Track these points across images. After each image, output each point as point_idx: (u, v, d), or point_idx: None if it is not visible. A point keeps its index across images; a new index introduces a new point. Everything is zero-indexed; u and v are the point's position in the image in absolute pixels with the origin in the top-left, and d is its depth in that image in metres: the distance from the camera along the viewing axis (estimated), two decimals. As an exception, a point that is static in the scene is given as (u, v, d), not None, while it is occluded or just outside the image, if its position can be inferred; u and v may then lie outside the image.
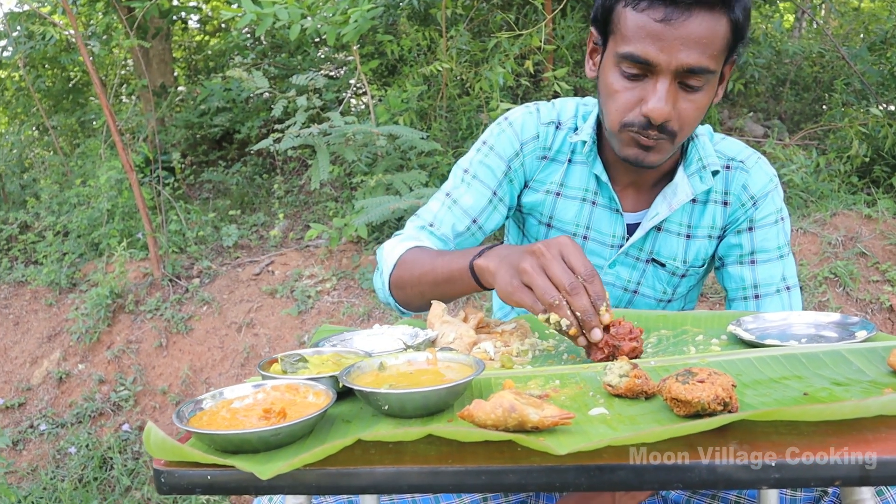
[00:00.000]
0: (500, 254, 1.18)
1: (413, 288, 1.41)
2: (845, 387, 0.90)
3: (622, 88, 1.26)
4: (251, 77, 3.52)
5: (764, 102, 5.82)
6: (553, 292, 1.04)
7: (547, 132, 1.49)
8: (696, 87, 1.24)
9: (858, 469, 0.71)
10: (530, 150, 1.49)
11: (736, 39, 1.25)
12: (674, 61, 1.19)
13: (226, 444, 0.84)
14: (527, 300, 1.08)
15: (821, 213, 3.67)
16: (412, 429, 0.76)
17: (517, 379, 1.01)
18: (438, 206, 1.53)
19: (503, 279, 1.12)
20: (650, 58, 1.20)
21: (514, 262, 1.11)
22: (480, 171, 1.50)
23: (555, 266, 1.04)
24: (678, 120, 1.26)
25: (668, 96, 1.22)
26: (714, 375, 0.83)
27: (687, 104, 1.25)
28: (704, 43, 1.19)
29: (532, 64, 3.73)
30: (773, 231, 1.45)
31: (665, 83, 1.22)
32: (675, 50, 1.18)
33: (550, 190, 1.50)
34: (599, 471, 0.73)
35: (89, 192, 4.78)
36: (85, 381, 3.86)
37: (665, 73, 1.21)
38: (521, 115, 1.50)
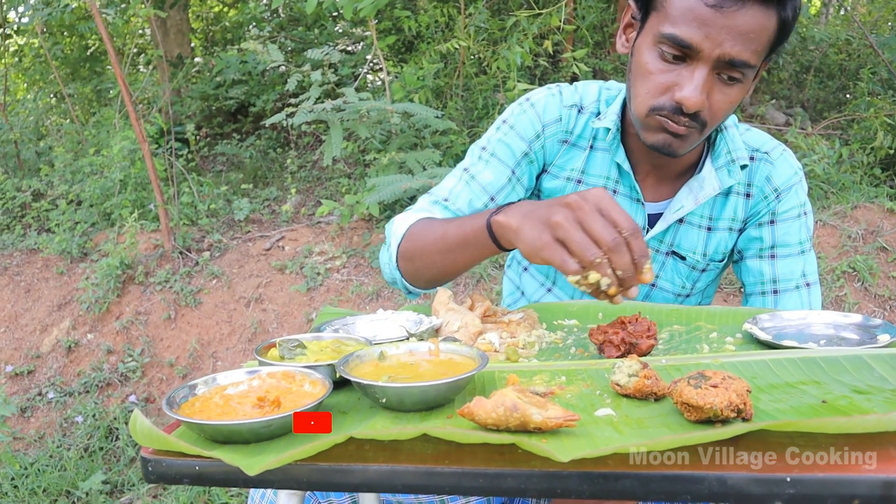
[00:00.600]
0: (524, 209, 1.06)
1: (422, 258, 1.31)
2: (866, 395, 0.86)
3: (657, 70, 1.20)
4: (266, 50, 3.47)
5: (787, 90, 5.70)
6: (594, 249, 0.93)
7: (569, 115, 1.43)
8: (733, 80, 1.18)
9: (881, 487, 0.67)
10: (552, 133, 1.43)
11: (780, 39, 1.19)
12: (717, 50, 1.13)
13: (215, 434, 0.82)
14: (557, 257, 0.96)
15: (841, 206, 3.59)
16: (407, 428, 0.72)
17: (522, 374, 0.98)
18: (455, 181, 1.46)
19: (529, 234, 1.00)
20: (694, 42, 1.14)
21: (544, 215, 0.99)
22: (499, 149, 1.44)
23: (595, 220, 0.93)
24: (709, 111, 1.20)
25: (704, 85, 1.16)
26: (728, 380, 0.79)
27: (720, 96, 1.19)
28: (751, 37, 1.13)
29: (551, 44, 3.65)
30: (795, 225, 1.40)
31: (703, 71, 1.16)
32: (720, 39, 1.12)
33: (571, 177, 1.45)
34: (603, 478, 0.69)
35: (102, 162, 4.77)
36: (93, 351, 3.86)
37: (706, 61, 1.15)
38: (544, 97, 1.45)
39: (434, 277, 1.34)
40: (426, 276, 1.36)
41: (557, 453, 0.66)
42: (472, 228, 1.18)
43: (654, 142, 1.25)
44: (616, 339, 1.02)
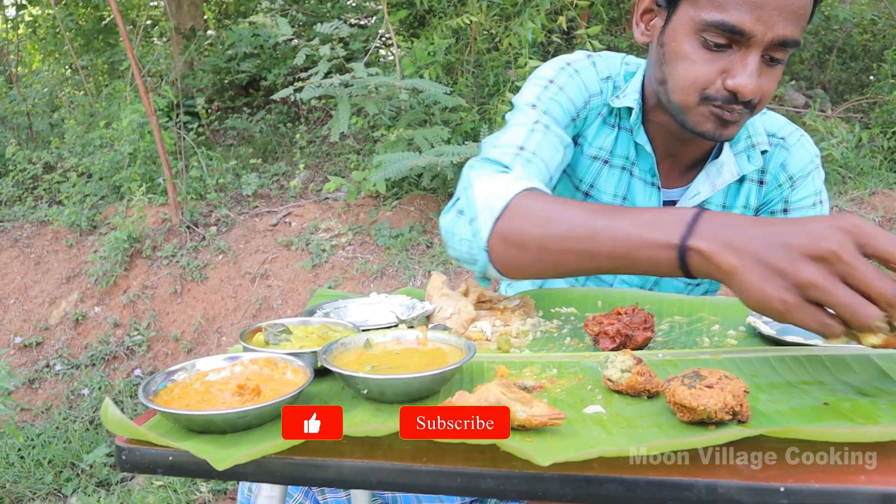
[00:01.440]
0: (742, 240, 0.79)
1: (542, 252, 1.00)
2: (872, 398, 0.82)
3: (701, 59, 1.13)
4: (275, 23, 3.42)
5: (807, 70, 5.58)
6: (870, 310, 0.72)
7: (607, 88, 1.35)
8: (780, 60, 1.12)
9: (880, 500, 0.63)
10: (595, 105, 1.35)
11: (811, 16, 1.14)
12: (770, 33, 1.07)
13: (190, 423, 0.79)
14: (814, 322, 0.75)
15: (859, 191, 3.51)
16: (383, 426, 0.69)
17: (512, 365, 0.94)
18: (527, 131, 1.25)
19: (763, 289, 0.76)
20: (746, 28, 1.07)
21: (785, 268, 0.75)
22: (553, 108, 1.30)
23: (864, 270, 0.71)
24: (760, 95, 1.14)
25: (759, 70, 1.10)
26: (724, 380, 0.75)
27: (767, 78, 1.13)
28: (801, 14, 1.08)
29: (566, 20, 3.57)
30: (809, 214, 1.35)
31: (756, 56, 1.09)
32: (773, 20, 1.06)
33: (598, 156, 1.37)
34: (587, 482, 0.66)
35: (112, 135, 4.75)
36: (100, 324, 3.87)
37: (758, 45, 1.08)
38: (585, 66, 1.34)
39: (542, 274, 1.06)
40: (535, 271, 1.06)
41: (537, 456, 0.63)
42: (652, 244, 0.87)
43: (705, 129, 1.17)
44: (611, 330, 0.98)
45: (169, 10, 6.89)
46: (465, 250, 1.14)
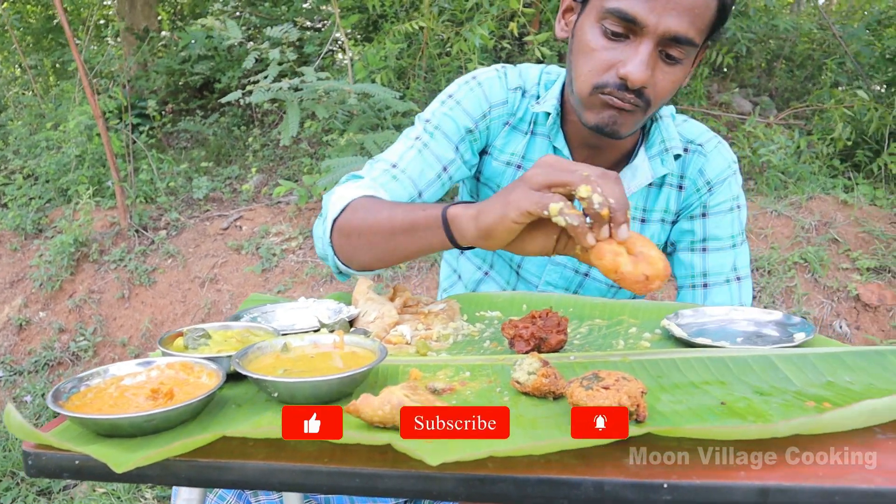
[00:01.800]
0: (480, 202, 0.99)
1: (361, 237, 1.19)
2: (767, 396, 0.85)
3: (600, 47, 1.17)
4: (223, 26, 3.40)
5: (756, 78, 5.72)
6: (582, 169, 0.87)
7: (514, 98, 1.40)
8: (676, 59, 1.15)
9: (756, 494, 0.66)
10: (497, 115, 1.40)
11: (719, 22, 1.17)
12: (662, 25, 1.10)
13: (97, 427, 0.79)
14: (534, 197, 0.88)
15: (797, 196, 3.61)
16: (276, 427, 0.70)
17: (427, 368, 0.96)
18: (405, 148, 1.36)
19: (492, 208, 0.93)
20: (638, 16, 1.11)
21: (505, 190, 0.93)
22: (445, 123, 1.38)
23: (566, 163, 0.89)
24: (653, 90, 1.17)
25: (650, 61, 1.13)
26: (622, 381, 0.78)
27: (663, 75, 1.16)
28: (696, 13, 1.11)
29: (517, 26, 3.61)
30: (727, 219, 1.39)
31: (648, 46, 1.13)
32: (665, 12, 1.10)
33: (511, 161, 1.41)
34: (479, 482, 0.68)
35: (60, 137, 4.66)
36: (45, 330, 3.79)
37: (650, 35, 1.12)
38: (491, 78, 1.40)
39: (370, 261, 1.23)
40: (362, 259, 1.24)
41: (428, 456, 0.64)
42: (425, 216, 1.07)
43: (598, 121, 1.21)
44: (526, 333, 1.01)
45: (121, 9, 6.80)
46: (321, 247, 1.30)
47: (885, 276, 3.19)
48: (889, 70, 4.39)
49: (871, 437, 0.76)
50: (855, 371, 0.92)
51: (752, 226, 3.31)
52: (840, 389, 0.87)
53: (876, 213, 3.57)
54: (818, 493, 0.66)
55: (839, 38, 4.52)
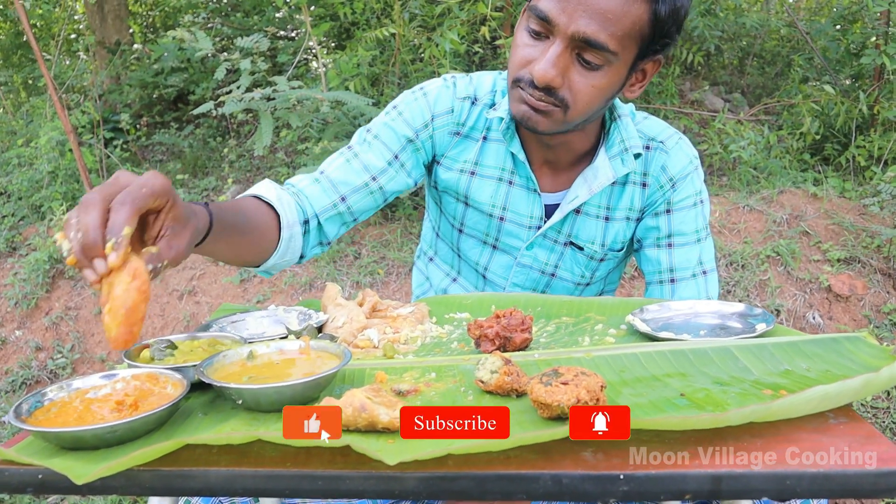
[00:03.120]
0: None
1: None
2: (726, 386, 0.87)
3: (523, 44, 1.20)
4: (194, 38, 3.39)
5: (728, 75, 5.78)
6: (72, 212, 0.81)
7: (462, 107, 1.42)
8: (594, 64, 1.16)
9: (709, 481, 0.67)
10: (442, 125, 1.42)
11: (656, 34, 1.17)
12: (572, 26, 1.12)
13: (60, 441, 0.79)
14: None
15: (768, 191, 3.66)
16: (237, 433, 0.70)
17: (393, 370, 0.96)
18: (336, 156, 1.42)
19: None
20: (550, 15, 1.13)
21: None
22: (384, 132, 1.41)
23: (96, 190, 0.81)
24: (570, 92, 1.19)
25: (557, 60, 1.15)
26: (581, 376, 0.79)
27: (581, 78, 1.18)
28: (609, 18, 1.11)
29: (489, 31, 3.63)
30: (691, 214, 1.41)
31: (558, 47, 1.15)
32: (575, 14, 1.11)
33: (465, 169, 1.43)
34: (440, 479, 0.69)
35: (31, 153, 4.62)
36: (21, 348, 3.75)
37: (561, 36, 1.14)
38: (437, 88, 1.43)
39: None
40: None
41: (386, 456, 0.65)
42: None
43: (516, 113, 1.25)
44: (490, 333, 1.02)
45: (92, 23, 6.75)
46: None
47: (855, 266, 3.23)
48: (854, 64, 4.45)
49: (824, 422, 0.78)
50: (812, 358, 0.94)
51: (725, 221, 3.35)
52: (797, 377, 0.89)
53: (845, 204, 3.63)
54: (770, 478, 0.67)
55: (804, 34, 4.58)
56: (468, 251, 1.51)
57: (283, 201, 1.28)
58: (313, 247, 1.38)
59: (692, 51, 4.39)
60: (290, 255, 1.32)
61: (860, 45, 4.49)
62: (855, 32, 4.37)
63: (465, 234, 1.49)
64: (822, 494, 0.68)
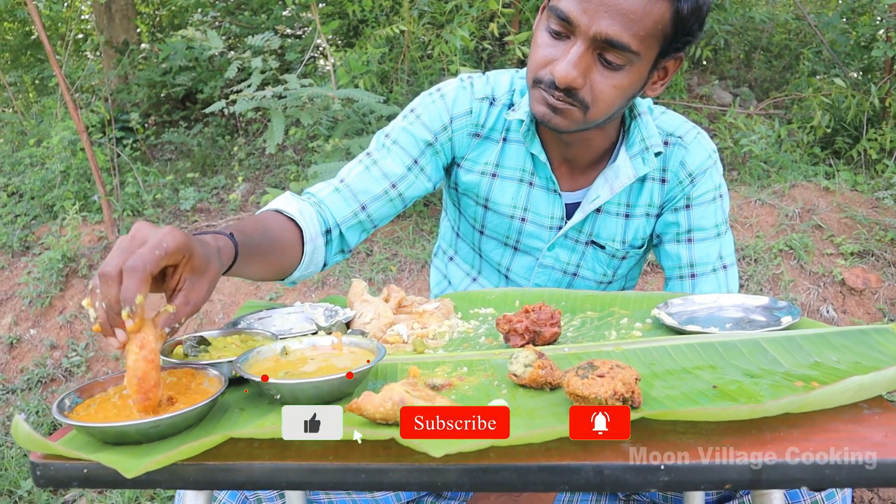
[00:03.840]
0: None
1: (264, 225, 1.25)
2: (757, 378, 0.88)
3: (543, 44, 1.20)
4: (205, 36, 3.40)
5: (735, 69, 5.77)
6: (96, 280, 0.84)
7: (481, 108, 1.41)
8: (615, 64, 1.16)
9: (749, 472, 0.68)
10: (461, 126, 1.41)
11: (678, 32, 1.17)
12: (593, 27, 1.12)
13: (103, 436, 0.81)
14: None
15: (780, 185, 3.65)
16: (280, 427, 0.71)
17: (425, 365, 0.98)
18: (355, 163, 1.42)
19: None
20: (571, 16, 1.13)
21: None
22: (403, 137, 1.41)
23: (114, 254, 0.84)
24: (591, 92, 1.19)
25: (579, 61, 1.15)
26: (616, 369, 0.80)
27: (602, 79, 1.18)
28: (632, 18, 1.11)
29: (497, 27, 3.64)
30: (710, 209, 1.41)
31: (580, 48, 1.15)
32: (597, 14, 1.11)
33: (486, 171, 1.43)
34: (482, 471, 0.70)
35: (44, 153, 4.65)
36: (36, 347, 3.78)
37: (583, 37, 1.14)
38: (455, 89, 1.43)
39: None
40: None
41: (431, 449, 0.66)
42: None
43: (537, 113, 1.25)
44: (520, 327, 1.03)
45: (100, 23, 6.77)
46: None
47: (869, 259, 3.23)
48: (864, 57, 4.44)
49: (858, 413, 0.79)
50: (840, 350, 0.95)
51: (737, 215, 3.35)
52: (827, 369, 0.89)
53: (857, 198, 3.62)
54: (809, 467, 0.68)
55: (814, 27, 4.57)
56: (490, 252, 1.51)
57: (304, 214, 1.29)
58: (335, 255, 1.39)
59: (701, 45, 4.38)
60: (313, 266, 1.33)
61: (870, 37, 4.48)
62: (864, 25, 4.36)
63: (486, 235, 1.50)
64: (861, 483, 0.68)
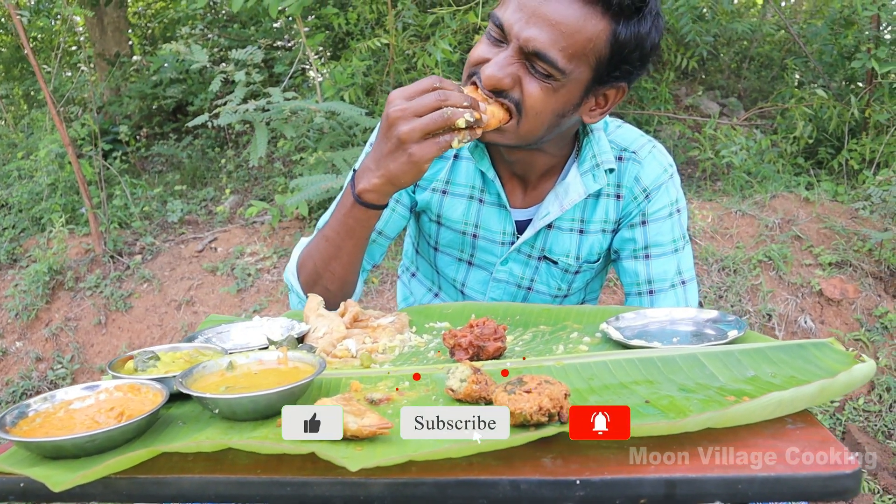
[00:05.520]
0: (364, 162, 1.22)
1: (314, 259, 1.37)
2: (691, 393, 0.89)
3: (481, 46, 1.22)
4: (189, 50, 3.43)
5: (725, 79, 5.80)
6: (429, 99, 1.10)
7: None
8: (545, 74, 1.16)
9: (664, 486, 0.70)
10: None
11: (615, 58, 1.17)
12: (523, 34, 1.13)
13: (41, 450, 0.82)
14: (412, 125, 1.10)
15: (760, 196, 3.68)
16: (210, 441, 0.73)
17: (368, 380, 0.99)
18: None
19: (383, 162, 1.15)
20: (504, 22, 1.15)
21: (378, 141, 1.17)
22: None
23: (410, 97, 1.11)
24: (521, 94, 1.18)
25: (506, 64, 1.16)
26: (545, 385, 0.81)
27: (534, 85, 1.17)
28: (561, 31, 1.12)
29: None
30: (667, 224, 1.41)
31: (509, 53, 1.16)
32: (529, 23, 1.12)
33: (437, 188, 1.45)
34: (403, 486, 0.71)
35: (31, 166, 4.67)
36: (22, 359, 3.79)
37: (514, 43, 1.15)
38: None
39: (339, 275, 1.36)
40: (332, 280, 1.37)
41: (349, 463, 0.67)
42: (346, 204, 1.27)
43: None
44: (464, 342, 1.04)
45: (92, 35, 6.81)
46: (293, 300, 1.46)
47: (847, 270, 3.25)
48: (848, 68, 4.48)
49: (781, 427, 0.80)
50: (778, 365, 0.96)
51: (717, 226, 3.37)
52: (762, 383, 0.91)
53: (837, 208, 3.65)
54: (722, 482, 0.70)
55: (796, 38, 4.61)
56: (445, 268, 1.53)
57: None
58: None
59: (686, 55, 4.42)
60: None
61: (853, 48, 4.52)
62: (847, 36, 4.39)
63: (440, 251, 1.52)
64: (774, 498, 0.70)
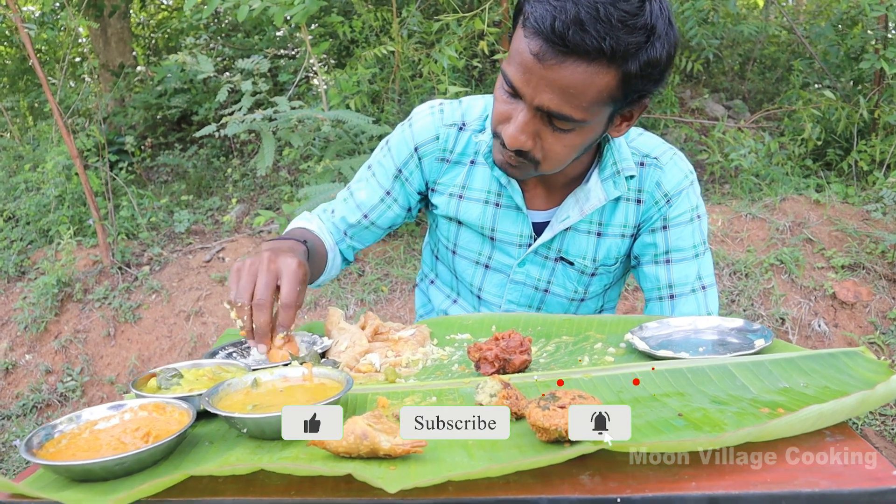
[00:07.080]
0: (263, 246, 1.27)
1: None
2: (724, 405, 0.88)
3: (500, 100, 1.21)
4: (195, 61, 3.43)
5: (729, 81, 5.79)
6: (245, 296, 1.11)
7: (448, 134, 1.44)
8: (564, 129, 1.17)
9: (706, 502, 0.68)
10: (428, 152, 1.46)
11: (629, 92, 1.15)
12: (536, 99, 1.13)
13: (70, 473, 0.81)
14: (231, 283, 1.14)
15: (770, 199, 3.66)
16: (241, 464, 0.72)
17: (394, 395, 0.98)
18: (342, 192, 1.57)
19: (238, 263, 1.18)
20: (517, 86, 1.14)
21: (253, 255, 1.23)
22: (378, 170, 1.50)
23: (262, 279, 1.11)
24: (542, 151, 1.20)
25: (526, 126, 1.16)
26: (578, 399, 0.80)
27: (553, 140, 1.19)
28: (572, 93, 1.10)
29: (487, 45, 3.66)
30: (688, 229, 1.41)
31: (526, 115, 1.16)
32: (539, 89, 1.11)
33: (453, 192, 1.46)
34: (441, 506, 0.70)
35: (39, 178, 4.67)
36: (32, 372, 3.78)
37: (528, 105, 1.15)
38: (423, 116, 1.46)
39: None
40: None
41: (387, 485, 0.66)
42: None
43: (496, 161, 1.29)
44: (490, 355, 1.03)
45: (96, 46, 6.82)
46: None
47: (860, 272, 3.23)
48: (855, 68, 4.46)
49: (821, 440, 0.79)
50: (809, 375, 0.95)
51: (728, 230, 3.35)
52: (795, 394, 0.89)
53: (848, 210, 3.63)
54: (766, 498, 0.68)
55: (802, 39, 4.60)
56: (463, 273, 1.53)
57: (322, 229, 1.51)
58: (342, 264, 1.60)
59: (691, 59, 4.41)
60: (334, 271, 1.53)
61: (860, 49, 4.50)
62: (854, 36, 4.38)
63: (458, 255, 1.52)
64: (818, 513, 0.69)
